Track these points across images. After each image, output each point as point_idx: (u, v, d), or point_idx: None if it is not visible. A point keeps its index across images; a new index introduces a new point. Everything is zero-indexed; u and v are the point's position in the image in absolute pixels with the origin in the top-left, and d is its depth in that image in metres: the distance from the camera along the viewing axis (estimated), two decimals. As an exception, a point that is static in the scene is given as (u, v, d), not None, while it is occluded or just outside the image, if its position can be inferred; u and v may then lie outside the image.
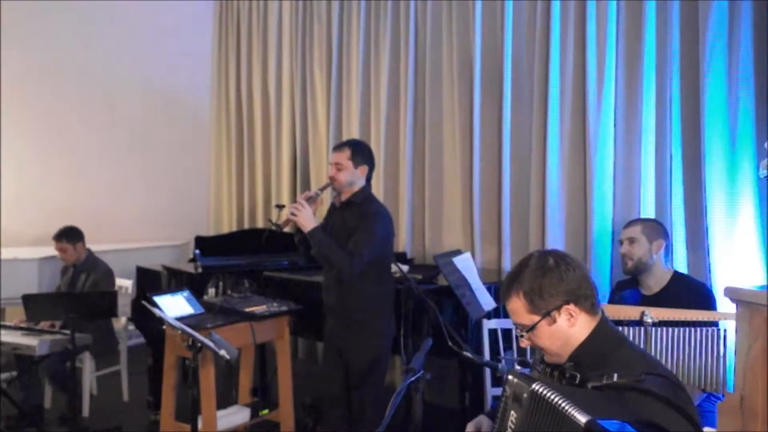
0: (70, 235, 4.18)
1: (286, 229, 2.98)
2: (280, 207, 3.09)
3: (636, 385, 1.35)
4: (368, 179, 2.98)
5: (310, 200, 2.87)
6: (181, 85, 6.18)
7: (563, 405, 1.27)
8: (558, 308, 1.50)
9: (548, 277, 1.51)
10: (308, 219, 2.80)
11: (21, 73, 5.27)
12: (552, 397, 1.29)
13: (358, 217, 2.85)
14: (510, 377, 1.44)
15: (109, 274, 4.25)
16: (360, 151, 2.95)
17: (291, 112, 5.41)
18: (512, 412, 1.40)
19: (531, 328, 1.52)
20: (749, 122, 2.98)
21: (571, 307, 1.50)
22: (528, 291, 1.52)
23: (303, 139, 5.31)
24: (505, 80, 3.89)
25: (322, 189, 3.02)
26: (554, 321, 1.50)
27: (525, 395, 1.35)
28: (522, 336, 1.55)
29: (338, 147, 2.98)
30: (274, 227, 2.91)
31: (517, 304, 1.54)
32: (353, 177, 2.91)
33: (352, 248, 2.79)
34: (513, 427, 1.40)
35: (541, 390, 1.31)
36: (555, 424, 1.28)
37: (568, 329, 1.50)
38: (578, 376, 1.45)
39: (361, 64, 4.76)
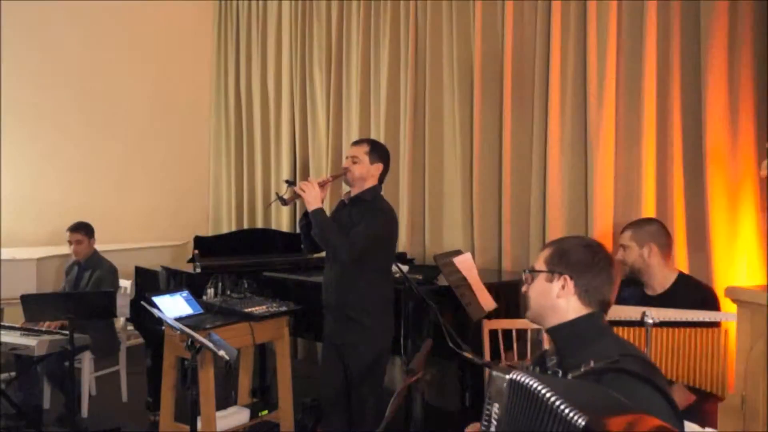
0: (87, 229, 4.27)
1: (289, 228, 2.97)
2: (289, 183, 3.10)
3: (611, 366, 1.40)
4: (381, 180, 2.99)
5: (320, 185, 2.89)
6: (181, 85, 6.17)
7: (541, 390, 1.27)
8: (560, 274, 1.59)
9: (581, 255, 1.60)
10: (315, 198, 2.82)
11: (21, 73, 5.26)
12: (530, 383, 1.30)
13: (364, 213, 2.87)
14: (492, 373, 1.46)
15: (113, 271, 4.27)
16: (378, 149, 2.98)
17: (290, 112, 5.40)
18: (495, 405, 1.41)
19: (532, 270, 1.65)
20: (750, 122, 2.98)
21: (569, 281, 1.58)
22: (559, 248, 1.63)
23: (302, 139, 5.31)
24: (505, 80, 3.88)
25: (335, 177, 3.04)
26: (550, 281, 1.60)
27: (504, 386, 1.37)
28: (525, 272, 1.69)
29: (357, 142, 3.04)
30: (279, 199, 2.92)
31: (545, 252, 1.67)
32: (367, 172, 2.92)
33: (352, 236, 2.80)
34: (496, 419, 1.41)
35: (519, 378, 1.34)
36: (535, 410, 1.27)
37: (555, 298, 1.59)
38: (560, 372, 1.48)
39: (361, 64, 4.76)
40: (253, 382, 3.89)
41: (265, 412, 3.41)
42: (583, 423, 1.16)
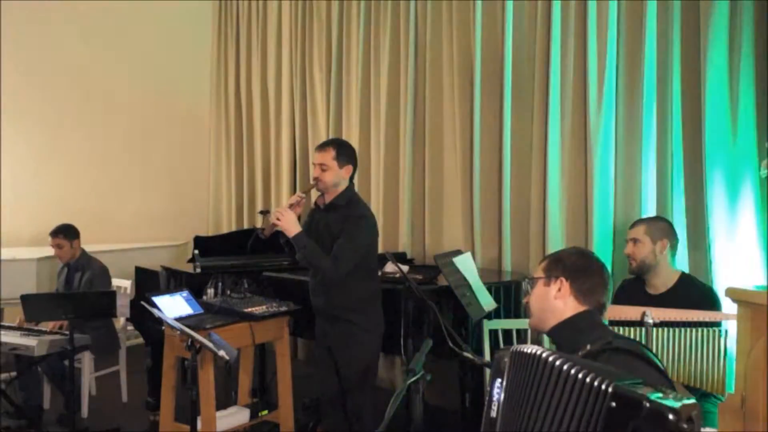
0: (67, 232, 4.18)
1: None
2: (264, 213, 3.09)
3: (606, 347, 1.49)
4: (351, 179, 2.96)
5: (293, 206, 2.86)
6: (181, 85, 6.17)
7: (549, 357, 1.33)
8: (556, 277, 1.68)
9: (575, 259, 1.71)
10: (292, 224, 2.81)
11: (21, 73, 5.27)
12: (535, 351, 1.37)
13: (343, 221, 2.84)
14: (495, 355, 1.55)
15: (104, 272, 4.23)
16: (344, 151, 2.92)
17: (291, 112, 5.40)
18: (497, 380, 1.47)
19: (532, 278, 1.76)
20: (750, 122, 2.98)
21: (565, 283, 1.67)
22: (554, 256, 1.76)
23: (302, 139, 5.31)
24: (505, 80, 3.88)
25: (306, 192, 3.00)
26: (548, 284, 1.70)
27: (506, 359, 1.45)
28: (525, 279, 1.84)
29: (322, 147, 2.94)
30: (258, 234, 2.91)
31: (542, 263, 1.78)
32: (338, 177, 2.89)
33: (336, 253, 2.79)
34: (499, 393, 1.46)
35: (519, 348, 1.42)
36: (543, 376, 1.34)
37: (553, 300, 1.67)
38: None
39: (361, 64, 4.75)
40: (253, 382, 3.88)
41: (265, 412, 3.41)
42: (611, 389, 1.19)
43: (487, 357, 3.14)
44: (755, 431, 2.02)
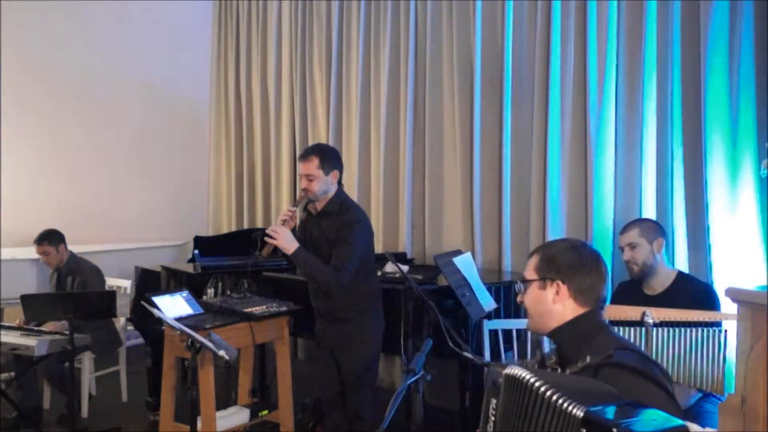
0: (51, 238, 4.12)
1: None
2: (260, 235, 3.08)
3: (606, 362, 1.43)
4: (339, 182, 2.95)
5: (285, 222, 2.84)
6: (181, 85, 6.17)
7: (536, 383, 1.30)
8: (552, 280, 1.62)
9: (569, 258, 1.63)
10: (288, 242, 2.79)
11: (21, 73, 5.26)
12: (525, 376, 1.33)
13: (338, 227, 2.83)
14: (488, 368, 1.50)
15: (95, 272, 4.20)
16: (328, 157, 2.89)
17: (291, 112, 5.40)
18: (492, 400, 1.44)
19: (524, 281, 1.68)
20: (750, 121, 2.98)
21: (562, 286, 1.61)
22: (546, 254, 1.66)
23: (302, 140, 5.30)
24: (505, 80, 3.89)
25: (296, 204, 2.98)
26: (543, 288, 1.63)
27: (501, 380, 1.41)
28: (518, 282, 1.71)
29: (305, 157, 2.90)
30: (257, 256, 2.90)
31: (533, 260, 1.70)
32: (326, 185, 2.87)
33: (336, 263, 2.79)
34: (494, 414, 1.43)
35: (514, 372, 1.37)
36: (531, 404, 1.30)
37: (551, 304, 1.62)
38: (558, 369, 1.54)
39: (361, 64, 4.76)
40: (253, 382, 3.89)
41: (265, 412, 3.41)
42: (582, 414, 1.17)
43: (487, 357, 3.14)
44: (755, 431, 2.03)
